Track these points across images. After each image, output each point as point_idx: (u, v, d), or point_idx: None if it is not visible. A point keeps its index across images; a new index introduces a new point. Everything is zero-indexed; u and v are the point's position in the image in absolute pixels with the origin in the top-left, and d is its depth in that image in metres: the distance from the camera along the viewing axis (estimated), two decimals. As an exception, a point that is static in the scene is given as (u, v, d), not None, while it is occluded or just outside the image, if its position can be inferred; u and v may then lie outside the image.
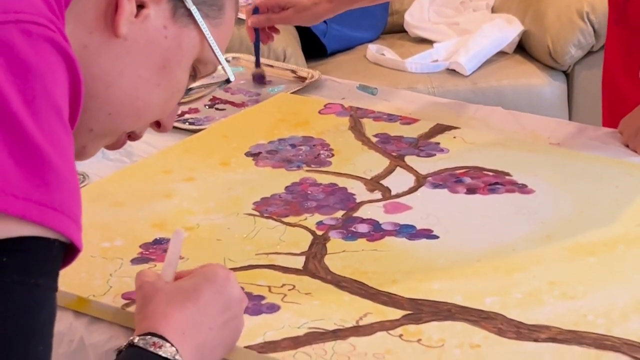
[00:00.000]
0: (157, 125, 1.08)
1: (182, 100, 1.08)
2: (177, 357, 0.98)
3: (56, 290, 0.84)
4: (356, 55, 3.26)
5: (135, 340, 0.99)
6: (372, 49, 3.22)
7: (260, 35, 1.78)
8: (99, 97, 0.94)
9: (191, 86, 1.09)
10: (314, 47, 3.20)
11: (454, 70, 3.06)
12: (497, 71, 3.04)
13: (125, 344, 1.00)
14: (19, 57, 0.82)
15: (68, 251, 0.84)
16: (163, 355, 0.98)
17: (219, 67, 1.07)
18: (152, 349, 0.98)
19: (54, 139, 0.83)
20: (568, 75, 3.12)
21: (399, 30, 3.41)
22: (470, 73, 3.02)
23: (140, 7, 0.96)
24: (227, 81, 1.11)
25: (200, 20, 1.01)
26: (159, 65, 1.00)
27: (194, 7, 1.00)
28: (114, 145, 1.06)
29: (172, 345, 0.99)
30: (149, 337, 0.99)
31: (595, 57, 3.08)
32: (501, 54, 3.13)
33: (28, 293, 0.81)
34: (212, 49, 1.04)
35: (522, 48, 3.20)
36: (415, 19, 3.34)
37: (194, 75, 1.07)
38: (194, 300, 1.04)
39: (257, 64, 1.76)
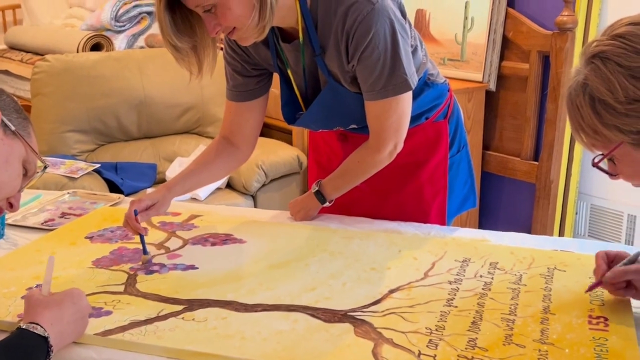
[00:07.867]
0: (10, 206, 1.07)
1: (23, 186, 1.08)
2: (45, 334, 0.98)
3: None
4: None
5: (21, 325, 0.98)
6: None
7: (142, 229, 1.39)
8: None
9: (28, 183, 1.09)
10: (117, 192, 3.12)
11: (195, 199, 3.07)
12: (217, 198, 3.07)
13: (15, 328, 0.99)
14: None
15: None
16: (37, 332, 0.98)
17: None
18: (31, 329, 0.98)
19: None
20: (254, 197, 3.16)
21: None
22: (204, 198, 3.04)
23: None
24: (45, 167, 1.10)
25: (21, 136, 1.04)
26: (3, 159, 1.02)
27: (14, 128, 1.03)
28: None
29: (43, 328, 0.98)
30: (29, 323, 0.99)
31: (266, 188, 3.15)
32: (219, 189, 3.17)
33: None
34: (32, 150, 1.06)
35: (229, 185, 3.23)
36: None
37: (25, 173, 1.07)
38: (59, 306, 1.04)
39: (145, 251, 1.37)
